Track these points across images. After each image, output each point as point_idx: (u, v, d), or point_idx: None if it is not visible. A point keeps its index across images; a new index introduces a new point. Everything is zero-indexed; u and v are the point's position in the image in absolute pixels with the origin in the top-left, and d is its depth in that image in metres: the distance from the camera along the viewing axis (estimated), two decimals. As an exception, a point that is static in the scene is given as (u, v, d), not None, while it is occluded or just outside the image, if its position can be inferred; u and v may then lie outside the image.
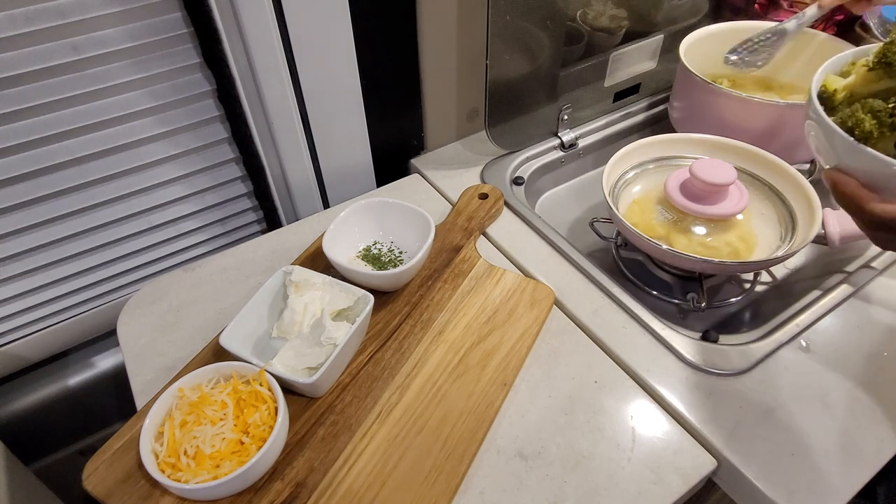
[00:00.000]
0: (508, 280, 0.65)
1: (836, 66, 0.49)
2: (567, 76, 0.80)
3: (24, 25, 0.54)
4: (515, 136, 0.82)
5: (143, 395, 0.57)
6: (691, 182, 0.65)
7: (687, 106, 0.82)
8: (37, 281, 0.68)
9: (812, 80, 0.47)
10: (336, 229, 0.64)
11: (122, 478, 0.49)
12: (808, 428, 0.52)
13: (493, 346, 0.58)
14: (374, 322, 0.61)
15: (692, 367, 0.57)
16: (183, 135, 0.68)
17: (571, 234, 0.80)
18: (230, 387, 0.51)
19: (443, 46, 0.76)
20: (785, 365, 0.57)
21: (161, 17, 0.60)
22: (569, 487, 0.49)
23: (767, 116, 0.72)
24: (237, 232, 0.80)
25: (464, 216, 0.72)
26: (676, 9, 0.87)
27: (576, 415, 0.54)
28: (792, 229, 0.65)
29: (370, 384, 0.56)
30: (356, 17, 0.67)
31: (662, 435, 0.52)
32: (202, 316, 0.64)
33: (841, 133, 0.42)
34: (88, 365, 0.78)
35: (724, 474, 0.51)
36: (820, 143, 0.45)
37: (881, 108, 0.41)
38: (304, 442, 0.51)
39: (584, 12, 0.79)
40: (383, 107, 0.77)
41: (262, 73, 0.65)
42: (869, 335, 0.59)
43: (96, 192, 0.67)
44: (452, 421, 0.52)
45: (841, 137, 0.42)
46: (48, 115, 0.60)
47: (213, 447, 0.47)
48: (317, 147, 0.76)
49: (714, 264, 0.61)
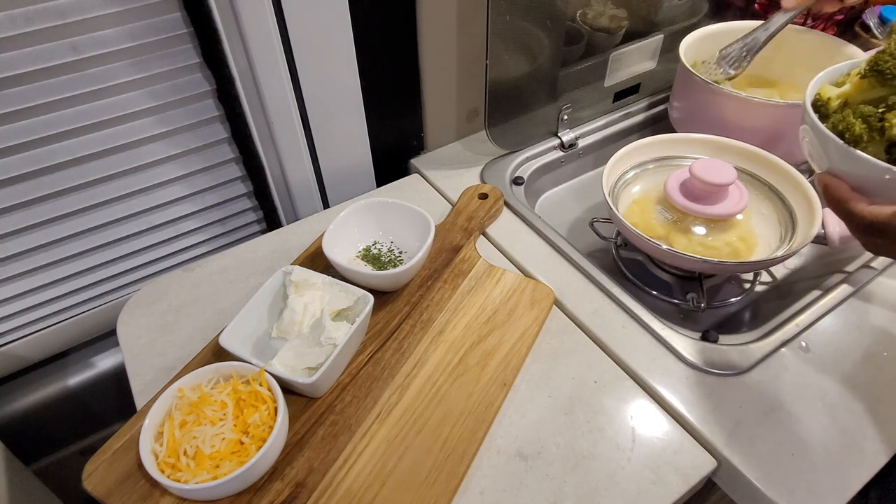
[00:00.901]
0: (508, 280, 0.65)
1: (832, 77, 0.49)
2: (567, 76, 0.80)
3: (24, 25, 0.54)
4: (515, 136, 0.82)
5: (142, 395, 0.57)
6: (691, 182, 0.65)
7: (687, 106, 0.82)
8: (37, 281, 0.68)
9: (807, 89, 0.48)
10: (336, 229, 0.64)
11: (121, 478, 0.49)
12: (808, 428, 0.52)
13: (492, 346, 0.58)
14: (374, 322, 0.61)
15: (692, 367, 0.57)
16: (183, 135, 0.68)
17: (571, 234, 0.80)
18: (230, 387, 0.51)
19: (443, 46, 0.76)
20: (785, 365, 0.57)
21: (161, 17, 0.60)
22: (569, 487, 0.49)
23: (767, 116, 0.72)
24: (237, 232, 0.80)
25: (464, 216, 0.72)
26: (676, 9, 0.87)
27: (576, 415, 0.54)
28: (792, 229, 0.65)
29: (370, 384, 0.56)
30: (356, 18, 0.67)
31: (662, 435, 0.52)
32: (202, 316, 0.64)
33: (832, 137, 0.43)
34: (88, 365, 0.78)
35: (724, 474, 0.51)
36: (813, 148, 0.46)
37: (871, 113, 0.42)
38: (304, 442, 0.51)
39: (583, 12, 0.79)
40: (383, 107, 0.77)
41: (262, 73, 0.65)
42: (869, 335, 0.59)
43: (96, 192, 0.67)
44: (452, 421, 0.52)
45: (832, 141, 0.42)
46: (48, 115, 0.60)
47: (213, 447, 0.47)
48: (317, 147, 0.76)
49: (714, 264, 0.61)
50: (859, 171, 0.42)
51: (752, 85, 0.84)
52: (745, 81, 0.85)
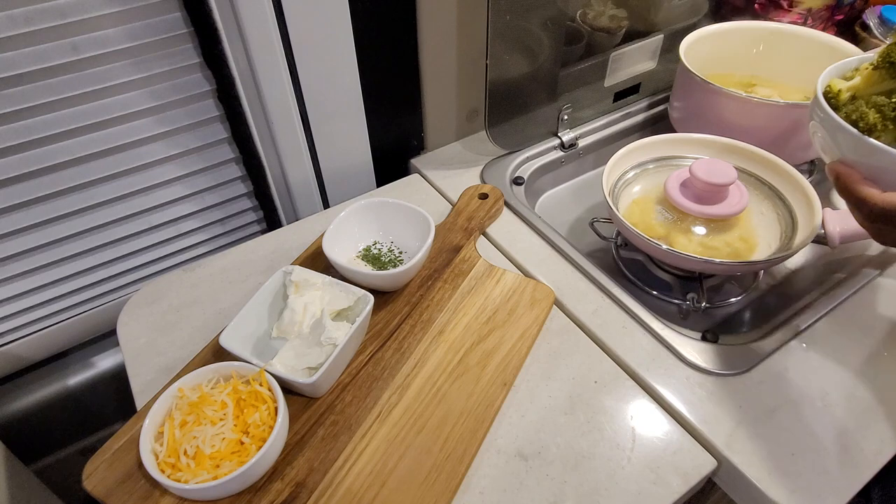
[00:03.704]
0: (508, 280, 0.65)
1: (840, 71, 0.50)
2: (567, 76, 0.80)
3: (24, 25, 0.54)
4: (515, 136, 0.82)
5: (142, 395, 0.57)
6: (691, 182, 0.65)
7: (687, 106, 0.82)
8: (37, 281, 0.68)
9: (817, 82, 0.48)
10: (336, 229, 0.64)
11: (122, 478, 0.49)
12: (808, 428, 0.52)
13: (493, 346, 0.58)
14: (374, 322, 0.61)
15: (692, 367, 0.57)
16: (183, 135, 0.68)
17: (571, 234, 0.80)
18: (230, 387, 0.51)
19: (443, 46, 0.76)
20: (785, 365, 0.57)
21: (161, 17, 0.60)
22: (569, 487, 0.49)
23: (767, 116, 0.72)
24: (237, 232, 0.80)
25: (464, 216, 0.72)
26: (676, 9, 0.87)
27: (576, 415, 0.54)
28: (792, 229, 0.65)
29: (370, 384, 0.56)
30: (356, 17, 0.67)
31: (662, 435, 0.52)
32: (202, 316, 0.64)
33: (846, 126, 0.43)
34: (88, 365, 0.78)
35: (724, 474, 0.51)
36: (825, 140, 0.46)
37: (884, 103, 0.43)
38: (304, 442, 0.51)
39: (584, 12, 0.79)
40: (383, 107, 0.77)
41: (262, 73, 0.65)
42: (869, 335, 0.59)
43: (96, 192, 0.67)
44: (452, 421, 0.52)
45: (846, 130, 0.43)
46: (48, 115, 0.60)
47: (213, 447, 0.47)
48: (317, 147, 0.76)
49: (714, 264, 0.61)
50: (873, 160, 0.42)
51: (752, 85, 0.84)
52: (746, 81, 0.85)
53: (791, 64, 0.83)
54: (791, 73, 0.83)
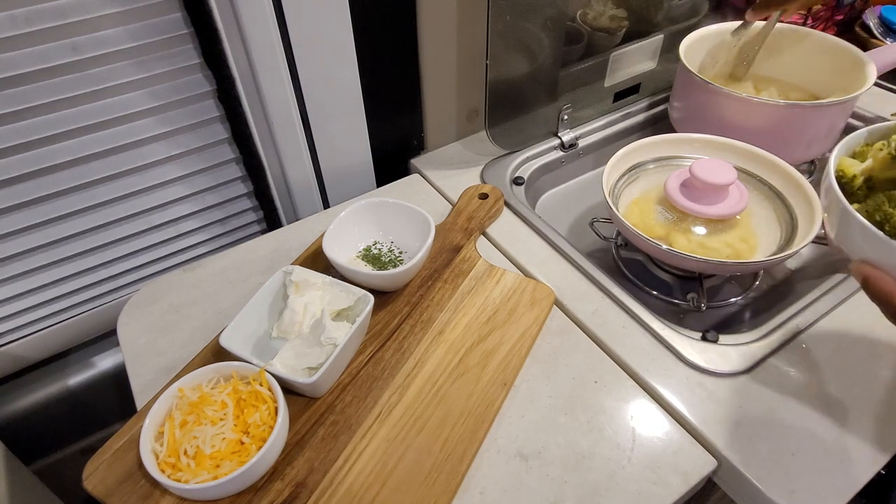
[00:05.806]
0: (508, 280, 0.65)
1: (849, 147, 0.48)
2: (567, 76, 0.80)
3: (24, 26, 0.54)
4: (515, 137, 0.82)
5: (143, 395, 0.57)
6: (691, 182, 0.65)
7: (687, 106, 0.82)
8: (37, 281, 0.68)
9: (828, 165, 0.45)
10: (336, 229, 0.64)
11: (122, 478, 0.49)
12: (808, 428, 0.52)
13: (493, 346, 0.58)
14: (374, 322, 0.61)
15: (692, 367, 0.57)
16: (183, 135, 0.68)
17: (571, 234, 0.80)
18: (230, 387, 0.51)
19: (443, 46, 0.76)
20: (785, 365, 0.57)
21: (161, 18, 0.60)
22: (569, 487, 0.49)
23: (767, 116, 0.72)
24: (237, 232, 0.80)
25: (464, 216, 0.72)
26: (676, 9, 0.87)
27: (576, 415, 0.54)
28: (792, 229, 0.65)
29: (370, 384, 0.56)
30: (356, 17, 0.67)
31: (662, 435, 0.52)
32: (202, 316, 0.64)
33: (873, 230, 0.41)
34: (88, 365, 0.78)
35: (724, 474, 0.51)
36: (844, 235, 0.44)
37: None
38: (304, 442, 0.51)
39: (584, 12, 0.79)
40: (383, 107, 0.77)
41: (262, 73, 0.65)
42: (869, 335, 0.59)
43: (97, 192, 0.67)
44: (452, 421, 0.52)
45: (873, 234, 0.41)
46: (48, 116, 0.60)
47: (213, 447, 0.47)
48: (317, 147, 0.76)
49: (714, 264, 0.61)
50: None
51: (752, 85, 0.84)
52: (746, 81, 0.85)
53: (791, 64, 0.83)
54: (791, 72, 0.83)
